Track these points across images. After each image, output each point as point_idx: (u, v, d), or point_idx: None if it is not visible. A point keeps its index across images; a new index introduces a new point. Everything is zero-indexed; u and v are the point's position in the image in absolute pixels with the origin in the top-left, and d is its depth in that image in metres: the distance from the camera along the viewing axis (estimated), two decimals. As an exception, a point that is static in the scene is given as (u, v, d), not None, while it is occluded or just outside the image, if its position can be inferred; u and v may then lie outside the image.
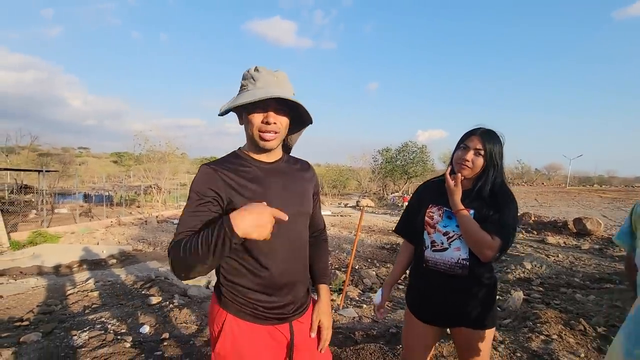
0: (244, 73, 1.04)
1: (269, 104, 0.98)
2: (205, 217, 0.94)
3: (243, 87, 1.03)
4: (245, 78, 1.03)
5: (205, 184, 0.96)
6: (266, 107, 0.98)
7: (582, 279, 6.41)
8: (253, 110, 0.99)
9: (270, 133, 1.00)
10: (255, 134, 1.00)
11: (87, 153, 70.87)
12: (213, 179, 0.97)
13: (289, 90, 1.01)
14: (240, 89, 1.04)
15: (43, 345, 2.71)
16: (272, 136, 1.00)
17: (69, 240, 10.86)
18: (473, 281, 1.37)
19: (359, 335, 2.98)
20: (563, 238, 10.88)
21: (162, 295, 4.51)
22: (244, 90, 1.02)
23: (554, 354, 2.61)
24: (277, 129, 1.00)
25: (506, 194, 1.39)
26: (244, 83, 1.03)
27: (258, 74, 1.01)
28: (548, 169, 63.11)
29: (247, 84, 1.01)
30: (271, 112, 0.98)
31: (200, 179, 0.97)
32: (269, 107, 0.98)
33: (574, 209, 20.10)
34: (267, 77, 1.00)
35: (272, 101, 0.98)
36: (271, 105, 0.98)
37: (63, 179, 28.78)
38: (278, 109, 0.99)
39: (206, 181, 0.97)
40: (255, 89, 0.99)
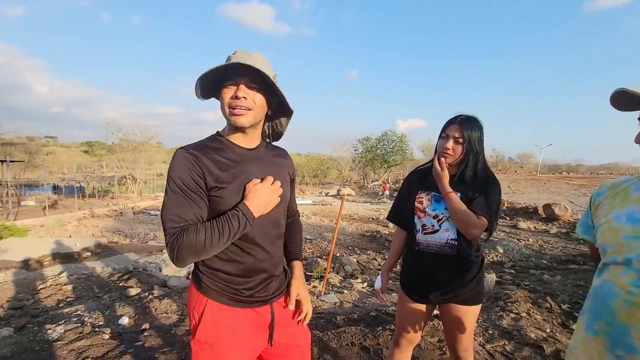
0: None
1: (240, 79, 0.96)
2: (195, 205, 0.94)
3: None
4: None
5: (187, 170, 0.94)
6: (237, 82, 0.96)
7: (550, 261, 6.81)
8: (225, 86, 0.97)
9: (240, 108, 0.96)
10: (226, 110, 0.98)
11: (54, 142, 67.44)
12: (194, 166, 0.94)
13: (263, 68, 0.97)
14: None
15: (16, 340, 2.61)
16: (242, 111, 0.97)
17: (38, 234, 10.39)
18: (461, 260, 1.46)
19: (340, 319, 3.05)
20: (533, 223, 11.44)
21: (141, 287, 4.42)
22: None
23: (522, 330, 2.78)
24: (248, 105, 0.97)
25: (489, 178, 1.48)
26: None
27: (233, 55, 0.99)
28: (521, 157, 65.76)
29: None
30: (242, 85, 0.96)
31: (181, 165, 0.94)
32: (239, 82, 0.96)
33: (544, 196, 21.10)
34: (241, 55, 0.98)
35: (243, 77, 0.96)
36: (242, 80, 0.96)
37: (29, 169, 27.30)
38: (250, 85, 0.97)
39: (188, 168, 0.94)
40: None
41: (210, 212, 0.99)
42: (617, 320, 0.79)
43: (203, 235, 0.89)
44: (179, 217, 0.92)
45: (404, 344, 1.64)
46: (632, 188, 0.88)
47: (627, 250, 0.80)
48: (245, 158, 1.04)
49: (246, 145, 1.06)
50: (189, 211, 0.93)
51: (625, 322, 0.77)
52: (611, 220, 0.88)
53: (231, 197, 0.98)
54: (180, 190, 0.93)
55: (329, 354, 2.33)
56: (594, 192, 1.01)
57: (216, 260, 1.02)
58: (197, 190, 0.95)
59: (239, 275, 1.04)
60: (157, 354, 2.35)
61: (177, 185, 0.93)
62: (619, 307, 0.79)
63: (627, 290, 0.78)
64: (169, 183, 0.94)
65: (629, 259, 0.79)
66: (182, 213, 0.92)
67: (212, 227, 0.91)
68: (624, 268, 0.80)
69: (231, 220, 0.93)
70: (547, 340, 2.63)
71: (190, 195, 0.94)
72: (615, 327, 0.79)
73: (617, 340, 0.79)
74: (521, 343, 2.59)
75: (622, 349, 0.78)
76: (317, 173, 36.93)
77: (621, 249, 0.81)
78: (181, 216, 0.92)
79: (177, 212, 0.92)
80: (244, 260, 1.03)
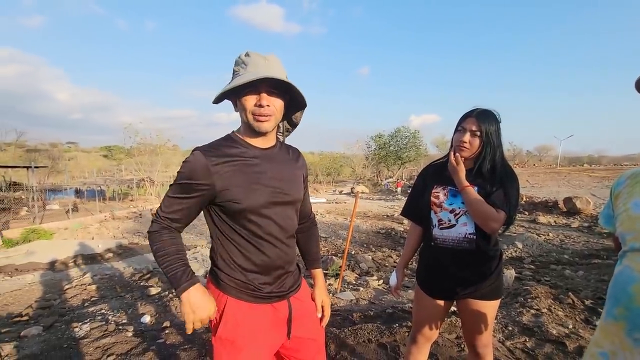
0: (235, 59, 1.05)
1: (261, 86, 0.98)
2: (188, 207, 1.03)
3: (235, 73, 1.03)
4: (237, 64, 1.04)
5: (197, 172, 0.98)
6: (258, 90, 0.99)
7: (572, 255, 6.61)
8: (246, 94, 0.99)
9: (264, 116, 1.00)
10: (250, 117, 1.01)
11: (75, 148, 69.70)
12: (206, 169, 0.98)
13: (280, 73, 1.01)
14: (233, 75, 1.04)
15: (45, 338, 2.74)
16: (266, 118, 1.00)
17: (62, 236, 10.80)
18: (480, 254, 1.44)
19: (356, 316, 3.05)
20: (553, 217, 11.13)
21: (161, 286, 4.55)
22: (235, 75, 1.02)
23: (544, 326, 2.72)
24: (270, 112, 1.00)
25: (507, 171, 1.46)
26: (236, 69, 1.03)
27: (248, 59, 1.01)
28: (539, 150, 63.85)
29: (239, 70, 1.02)
30: (264, 94, 0.99)
31: (193, 166, 0.98)
32: (261, 90, 0.99)
33: (564, 189, 20.48)
34: (258, 61, 1.00)
35: (263, 84, 0.98)
36: (263, 87, 0.99)
37: (52, 174, 28.34)
38: (271, 92, 1.00)
39: (198, 170, 0.98)
40: (246, 73, 0.99)
41: (228, 212, 1.02)
42: (635, 304, 0.78)
43: (156, 248, 1.02)
44: (167, 214, 1.03)
45: (422, 340, 1.63)
46: None
47: None
48: (260, 158, 1.06)
49: (261, 145, 1.08)
50: (179, 212, 1.03)
51: None
52: (629, 208, 0.87)
53: (246, 196, 1.00)
54: (181, 190, 1.01)
55: (346, 351, 2.34)
56: (614, 182, 1.00)
57: (233, 258, 1.05)
58: (196, 195, 1.01)
59: (255, 272, 1.06)
60: (178, 351, 2.41)
61: (181, 183, 1.00)
62: (637, 291, 0.79)
63: None
64: (176, 178, 1.01)
65: None
66: (173, 212, 1.03)
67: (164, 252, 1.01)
68: None
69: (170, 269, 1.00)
70: (570, 336, 2.56)
71: (187, 198, 1.01)
72: (633, 312, 0.79)
73: (636, 324, 0.78)
74: (542, 339, 2.54)
75: None
76: (331, 171, 36.93)
77: (639, 236, 0.81)
78: (170, 215, 1.03)
79: (170, 207, 1.03)
80: (258, 258, 1.06)
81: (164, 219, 1.03)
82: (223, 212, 1.04)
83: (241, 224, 1.03)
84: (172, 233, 1.04)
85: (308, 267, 1.37)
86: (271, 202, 1.04)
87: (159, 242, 1.02)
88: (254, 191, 1.01)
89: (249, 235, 1.04)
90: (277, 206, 1.06)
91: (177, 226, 1.05)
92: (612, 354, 0.84)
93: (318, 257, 1.38)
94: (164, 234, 1.03)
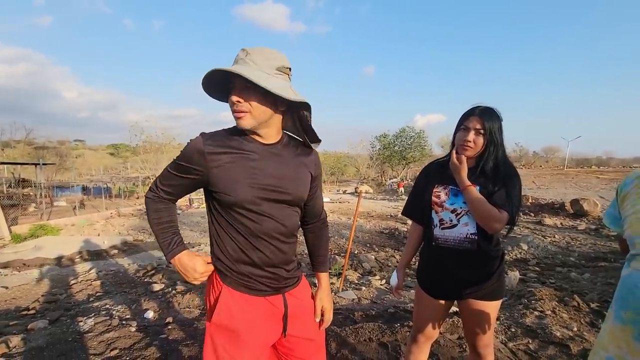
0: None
1: (235, 83, 0.98)
2: (182, 184, 1.07)
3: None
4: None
5: (193, 157, 1.00)
6: (234, 86, 0.98)
7: (578, 258, 6.54)
8: (229, 90, 1.00)
9: (237, 112, 0.99)
10: (232, 114, 1.01)
11: (83, 145, 70.46)
12: (202, 156, 0.99)
13: (260, 67, 0.97)
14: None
15: (50, 331, 2.78)
16: (240, 114, 0.99)
17: (69, 233, 10.93)
18: (481, 254, 1.43)
19: (358, 315, 3.05)
20: (560, 219, 11.02)
21: (165, 282, 4.58)
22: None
23: (547, 328, 2.69)
24: (244, 108, 0.98)
25: (509, 170, 1.43)
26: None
27: (236, 56, 1.01)
28: (546, 151, 63.21)
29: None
30: (235, 90, 0.98)
31: (191, 150, 1.00)
32: (235, 86, 0.98)
33: (572, 191, 20.25)
34: (238, 55, 1.00)
35: (236, 79, 0.97)
36: (236, 84, 0.98)
37: (60, 171, 28.71)
38: (244, 88, 0.97)
39: (194, 155, 1.00)
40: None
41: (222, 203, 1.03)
42: None
43: (151, 215, 1.10)
44: (163, 185, 1.09)
45: (422, 340, 1.62)
46: None
47: None
48: (259, 153, 1.04)
49: (263, 140, 1.06)
50: (174, 187, 1.09)
51: None
52: (639, 211, 0.85)
53: (237, 189, 1.00)
54: (178, 168, 1.04)
55: (346, 349, 2.34)
56: (621, 183, 0.99)
57: (229, 250, 1.05)
58: (190, 176, 1.04)
59: (250, 265, 1.06)
60: (180, 346, 2.43)
61: (178, 164, 1.03)
62: None
63: None
64: (178, 155, 1.05)
65: None
66: (169, 185, 1.09)
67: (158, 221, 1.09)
68: None
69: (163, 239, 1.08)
70: (574, 339, 2.54)
71: (182, 176, 1.05)
72: None
73: None
74: (546, 342, 2.52)
75: None
76: (335, 171, 36.88)
77: None
78: (165, 187, 1.09)
79: (166, 180, 1.08)
80: (255, 254, 1.05)
81: (160, 190, 1.09)
82: (218, 204, 1.04)
83: (236, 218, 1.03)
84: (167, 203, 1.11)
85: (314, 269, 1.32)
86: (264, 198, 1.02)
87: (154, 210, 1.09)
88: (246, 186, 1.00)
89: (245, 231, 1.03)
90: (272, 203, 1.04)
91: (171, 198, 1.11)
92: (618, 358, 0.83)
93: (325, 260, 1.32)
94: (159, 202, 1.10)
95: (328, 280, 1.31)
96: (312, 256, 1.33)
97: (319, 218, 1.29)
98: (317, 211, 1.27)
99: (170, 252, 1.07)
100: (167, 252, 1.07)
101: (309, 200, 1.19)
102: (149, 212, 1.10)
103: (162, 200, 1.10)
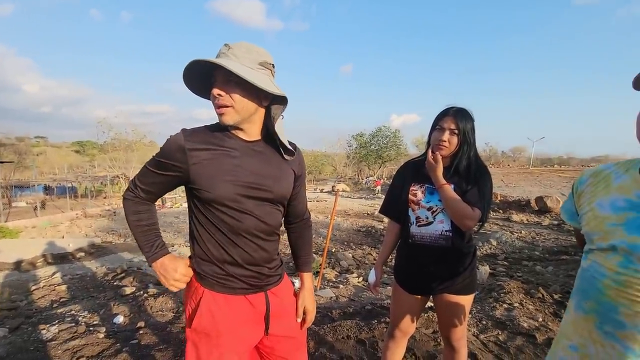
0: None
1: (217, 77, 0.95)
2: (162, 182, 1.04)
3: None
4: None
5: (173, 153, 0.97)
6: (215, 80, 0.96)
7: (542, 252, 6.90)
8: (211, 85, 0.97)
9: (219, 107, 0.97)
10: (215, 110, 0.99)
11: (44, 142, 66.25)
12: (182, 152, 0.96)
13: (242, 61, 0.95)
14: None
15: (10, 340, 2.59)
16: (222, 110, 0.97)
17: (30, 235, 10.27)
18: (455, 251, 1.48)
19: (336, 313, 3.07)
20: (526, 215, 11.58)
21: (136, 285, 4.40)
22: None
23: (515, 320, 2.83)
24: (226, 102, 0.95)
25: (481, 169, 1.49)
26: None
27: (218, 50, 0.99)
28: (513, 151, 66.37)
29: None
30: (216, 84, 0.96)
31: (171, 147, 0.97)
32: (216, 80, 0.96)
33: (536, 189, 21.36)
34: (220, 50, 0.97)
35: (218, 75, 0.95)
36: (218, 78, 0.96)
37: (19, 170, 26.91)
38: (226, 81, 0.95)
39: (174, 152, 0.97)
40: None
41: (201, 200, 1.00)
42: (605, 299, 0.82)
43: (131, 217, 1.07)
44: (142, 184, 1.05)
45: (399, 335, 1.66)
46: (612, 176, 0.90)
47: (611, 238, 0.82)
48: (240, 150, 1.02)
49: (245, 137, 1.04)
50: (153, 185, 1.06)
51: (613, 300, 0.80)
52: (595, 208, 0.89)
53: (216, 186, 0.97)
54: (158, 165, 1.01)
55: (325, 348, 2.35)
56: (576, 180, 1.03)
57: (209, 247, 1.03)
58: (170, 173, 1.01)
59: (230, 264, 1.04)
60: (152, 352, 2.35)
61: (158, 161, 1.00)
62: (606, 286, 0.82)
63: (615, 271, 0.81)
64: (157, 152, 1.01)
65: (614, 245, 0.81)
66: (148, 184, 1.05)
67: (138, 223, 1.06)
68: (610, 252, 0.82)
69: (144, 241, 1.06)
70: (540, 329, 2.67)
71: (162, 173, 1.01)
72: (603, 305, 0.82)
73: (606, 317, 0.82)
74: (514, 332, 2.64)
75: (611, 325, 0.81)
76: (312, 169, 36.90)
77: (606, 237, 0.84)
78: (144, 186, 1.05)
79: (145, 178, 1.05)
80: (235, 252, 1.03)
81: (139, 189, 1.06)
82: (199, 201, 1.02)
83: (217, 215, 1.01)
84: (147, 205, 1.08)
85: (297, 269, 1.32)
86: (244, 195, 1.00)
87: (133, 211, 1.06)
88: (225, 182, 0.98)
89: (225, 228, 1.01)
90: (254, 201, 1.02)
91: (150, 197, 1.08)
92: (581, 346, 0.87)
93: (308, 260, 1.31)
94: (139, 204, 1.07)
95: (311, 281, 1.31)
96: (295, 256, 1.32)
97: (302, 218, 1.28)
98: (300, 210, 1.26)
99: (153, 256, 1.05)
100: (149, 255, 1.05)
101: (292, 200, 1.18)
102: (127, 213, 1.07)
103: (142, 202, 1.07)
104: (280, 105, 1.06)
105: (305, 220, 1.30)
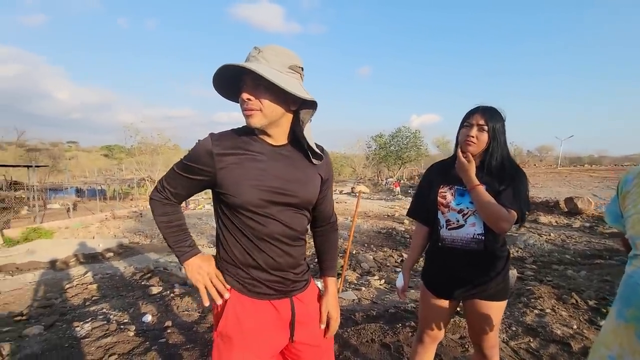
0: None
1: (246, 80, 0.96)
2: (189, 185, 1.05)
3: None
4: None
5: (201, 157, 0.98)
6: (244, 84, 0.96)
7: (573, 255, 6.58)
8: (240, 89, 0.98)
9: (247, 110, 0.97)
10: (242, 112, 0.99)
11: (76, 147, 69.63)
12: (210, 157, 0.98)
13: (271, 65, 0.95)
14: None
15: (46, 337, 2.72)
16: (250, 112, 0.97)
17: (63, 235, 10.79)
18: (488, 255, 1.42)
19: (359, 316, 3.03)
20: (555, 217, 11.11)
21: (163, 285, 4.53)
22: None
23: (548, 327, 2.70)
24: (254, 106, 0.96)
25: (514, 168, 1.43)
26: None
27: (248, 53, 0.99)
28: (540, 150, 63.83)
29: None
30: (246, 88, 0.96)
31: (199, 151, 0.99)
32: (245, 83, 0.96)
33: (565, 189, 20.45)
34: (250, 53, 0.98)
35: (247, 78, 0.95)
36: (247, 82, 0.96)
37: (53, 174, 28.35)
38: (255, 85, 0.95)
39: (202, 156, 0.98)
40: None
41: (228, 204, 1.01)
42: None
43: (160, 217, 1.08)
44: (169, 185, 1.07)
45: (428, 341, 1.61)
46: None
47: None
48: (267, 155, 1.02)
49: (272, 141, 1.04)
50: (180, 187, 1.07)
51: None
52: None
53: (242, 191, 0.97)
54: (186, 169, 1.02)
55: (349, 351, 2.33)
56: (621, 180, 0.97)
57: (235, 252, 1.03)
58: (197, 177, 1.02)
59: (255, 268, 1.04)
60: (180, 351, 2.40)
61: (186, 164, 1.02)
62: None
63: None
64: (185, 155, 1.03)
65: None
66: (175, 186, 1.07)
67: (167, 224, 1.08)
68: None
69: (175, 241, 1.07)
70: (575, 337, 2.55)
71: (189, 177, 1.03)
72: None
73: None
74: (547, 340, 2.52)
75: None
76: (331, 171, 36.77)
77: None
78: (171, 188, 1.07)
79: (173, 181, 1.06)
80: (260, 257, 1.03)
81: (167, 190, 1.07)
82: (225, 205, 1.02)
83: (242, 220, 1.00)
84: (174, 206, 1.10)
85: (321, 273, 1.29)
86: (269, 200, 0.99)
87: (162, 213, 1.08)
88: (251, 187, 0.97)
89: (250, 233, 1.01)
90: (279, 206, 1.01)
91: (177, 199, 1.09)
92: (619, 357, 0.82)
93: (333, 264, 1.29)
94: (167, 205, 1.08)
95: (336, 286, 1.27)
96: (320, 260, 1.30)
97: (329, 221, 1.26)
98: (326, 214, 1.23)
99: (184, 255, 1.06)
100: (180, 254, 1.06)
101: (318, 203, 1.15)
102: (156, 214, 1.08)
103: (170, 203, 1.08)
104: (309, 110, 1.04)
105: (331, 223, 1.27)
